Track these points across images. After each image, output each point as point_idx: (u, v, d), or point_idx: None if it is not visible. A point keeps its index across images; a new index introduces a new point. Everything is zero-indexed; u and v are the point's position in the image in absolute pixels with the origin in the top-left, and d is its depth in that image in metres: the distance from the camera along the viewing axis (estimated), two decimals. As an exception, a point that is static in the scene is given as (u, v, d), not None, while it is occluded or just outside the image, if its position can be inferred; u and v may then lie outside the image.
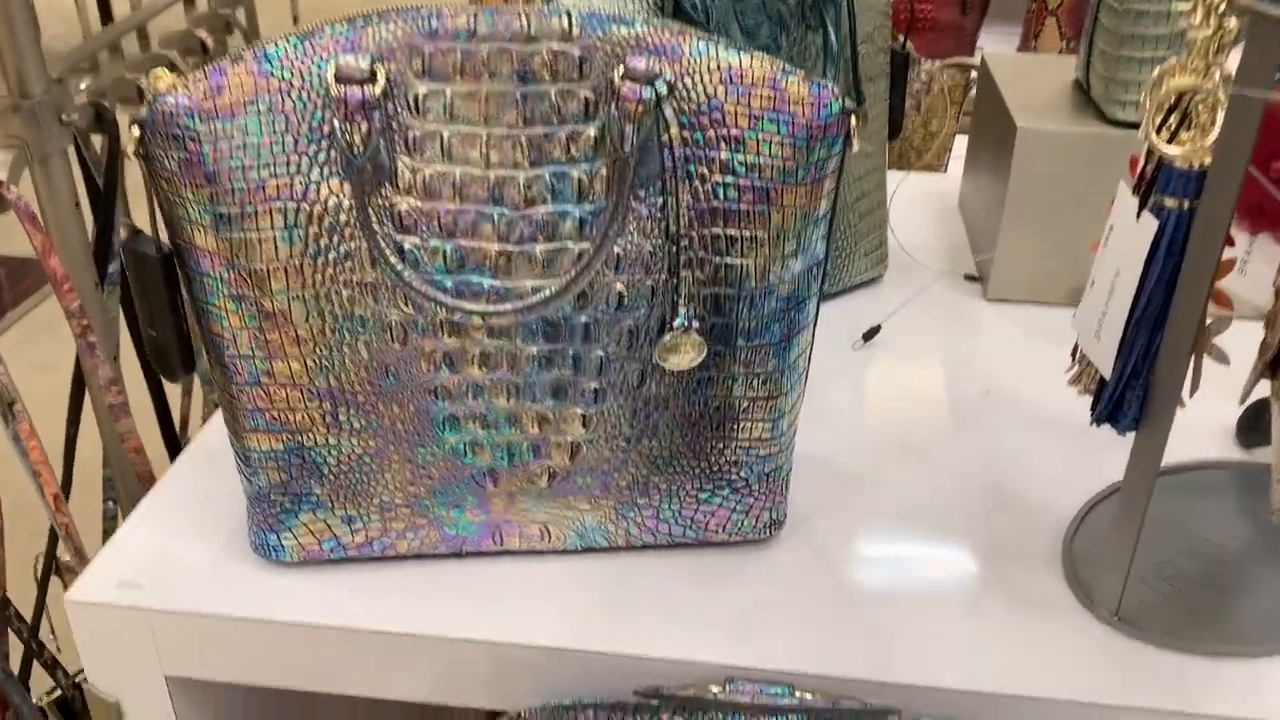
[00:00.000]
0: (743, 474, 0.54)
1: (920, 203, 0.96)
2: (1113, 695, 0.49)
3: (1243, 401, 0.50)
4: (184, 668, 0.55)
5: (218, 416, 0.66)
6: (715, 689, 0.43)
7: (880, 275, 0.83)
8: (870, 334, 0.75)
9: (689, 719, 0.49)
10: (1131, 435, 0.50)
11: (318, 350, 0.50)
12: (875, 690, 0.49)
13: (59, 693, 0.97)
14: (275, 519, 0.54)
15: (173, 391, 1.01)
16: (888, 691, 0.49)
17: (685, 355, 0.50)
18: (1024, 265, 0.78)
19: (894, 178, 0.93)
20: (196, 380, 1.00)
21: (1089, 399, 0.50)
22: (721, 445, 0.53)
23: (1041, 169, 0.74)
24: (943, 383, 0.71)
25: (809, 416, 0.67)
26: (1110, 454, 0.61)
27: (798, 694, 0.43)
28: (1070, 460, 0.63)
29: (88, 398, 0.90)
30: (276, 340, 0.49)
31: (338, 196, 0.47)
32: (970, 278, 0.83)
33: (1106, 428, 0.51)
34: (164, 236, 0.50)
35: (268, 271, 0.48)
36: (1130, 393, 0.47)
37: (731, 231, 0.48)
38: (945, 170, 1.06)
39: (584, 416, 0.52)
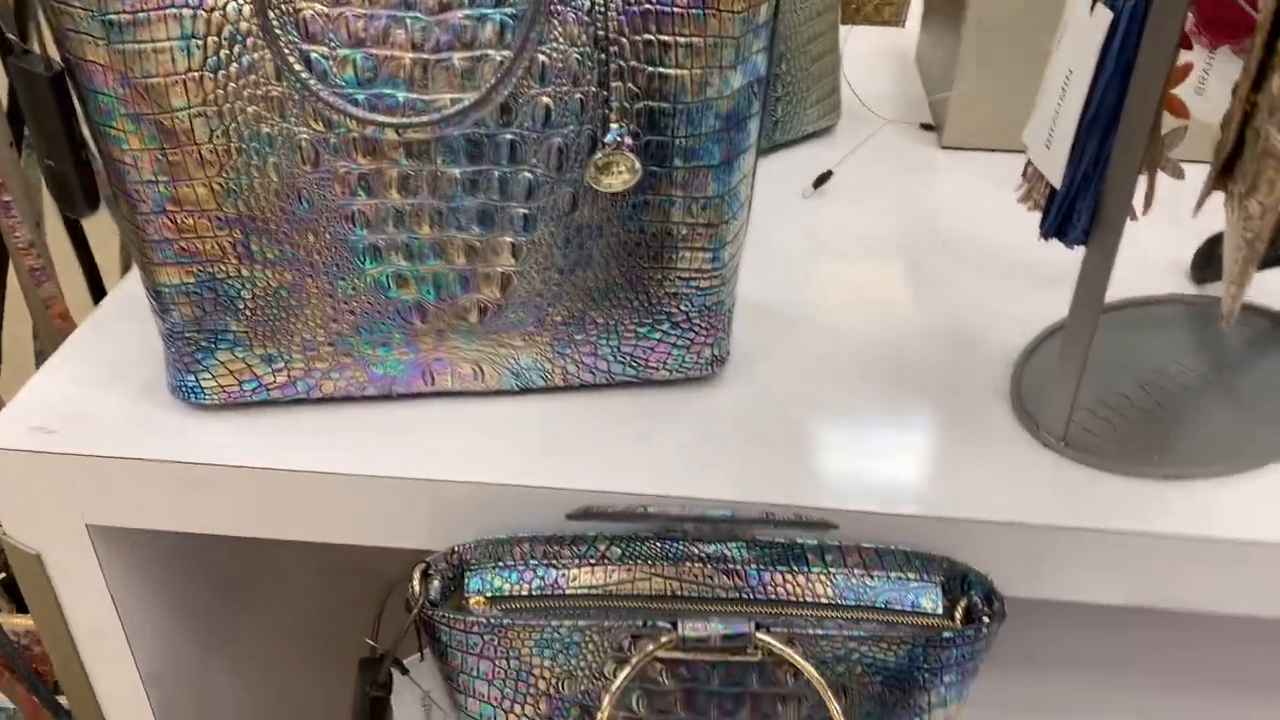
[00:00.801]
0: (683, 307, 0.52)
1: (876, 56, 0.92)
2: (1058, 517, 0.48)
3: (1196, 211, 0.48)
4: (105, 515, 0.53)
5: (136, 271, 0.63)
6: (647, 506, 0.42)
7: (833, 125, 0.80)
8: (821, 180, 0.72)
9: (625, 548, 0.48)
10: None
11: (224, 173, 0.47)
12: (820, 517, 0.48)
13: (3, 574, 0.96)
14: (192, 358, 0.51)
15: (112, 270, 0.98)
16: (832, 518, 0.48)
17: (619, 176, 0.47)
18: (980, 109, 0.75)
19: (849, 30, 0.90)
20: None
21: (1042, 245, 0.49)
22: (660, 276, 0.51)
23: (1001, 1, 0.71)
24: (895, 228, 0.69)
25: (756, 261, 0.64)
26: (1062, 294, 0.60)
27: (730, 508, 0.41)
28: (1021, 301, 0.61)
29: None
30: (180, 162, 0.46)
31: (237, 1, 0.44)
32: (926, 126, 0.80)
33: (1058, 262, 0.50)
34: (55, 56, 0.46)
35: (165, 86, 0.45)
36: (1081, 202, 0.45)
37: (666, 38, 0.45)
38: (904, 26, 1.03)
39: (514, 245, 0.49)
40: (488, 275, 0.50)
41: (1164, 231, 0.62)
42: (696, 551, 0.48)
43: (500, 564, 0.49)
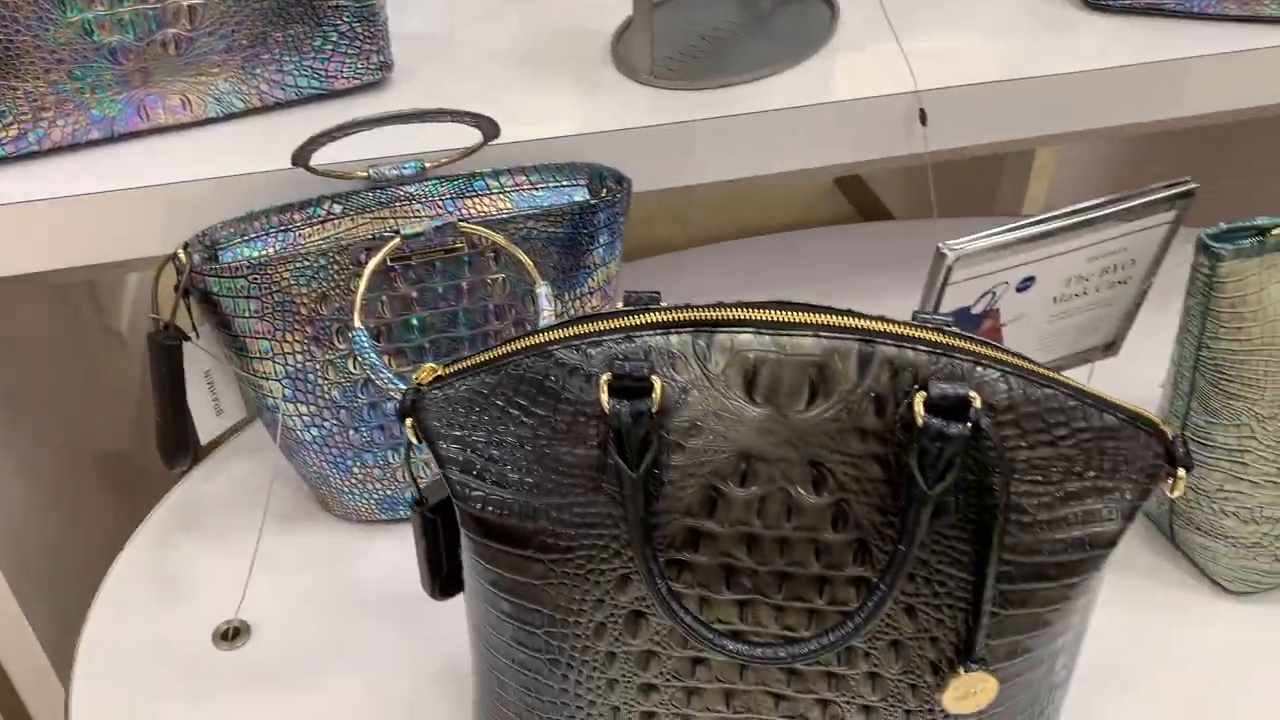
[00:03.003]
0: (346, 18, 0.64)
1: None
2: (660, 118, 0.66)
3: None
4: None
5: None
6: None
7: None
8: (438, -55, 0.85)
9: (345, 203, 0.61)
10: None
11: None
12: (502, 152, 0.63)
13: None
14: (-77, 123, 0.58)
15: None
16: (505, 153, 0.64)
17: (268, -96, 0.59)
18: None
19: None
20: None
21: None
22: (321, -8, 0.63)
23: None
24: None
25: (396, 6, 0.77)
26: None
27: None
28: (605, 6, 0.78)
29: None
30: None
31: None
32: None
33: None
34: None
35: None
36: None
37: None
38: None
39: (193, -21, 0.60)
40: (175, 10, 0.60)
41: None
42: (402, 193, 0.62)
43: (245, 238, 0.60)
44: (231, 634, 0.62)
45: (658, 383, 0.41)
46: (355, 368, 0.62)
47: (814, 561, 0.43)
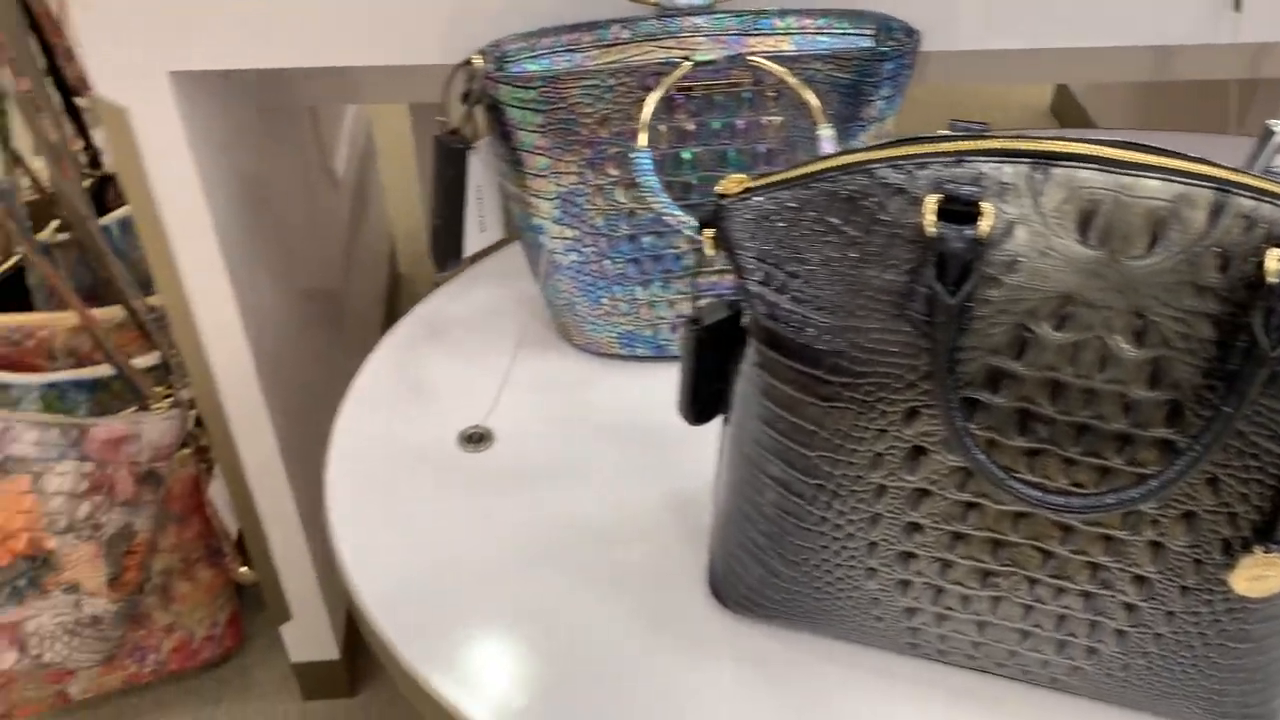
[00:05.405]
0: None
1: None
2: (953, -25, 0.63)
3: None
4: (187, 60, 0.62)
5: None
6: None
7: None
8: None
9: (633, 30, 0.61)
10: None
11: None
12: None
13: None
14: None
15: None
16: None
17: None
18: None
19: None
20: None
21: None
22: None
23: None
24: None
25: None
26: None
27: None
28: None
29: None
30: None
31: None
32: None
33: None
34: None
35: None
36: None
37: None
38: None
39: None
40: None
41: None
42: (689, 25, 0.61)
43: (534, 53, 0.61)
44: (477, 438, 0.64)
45: (989, 209, 0.40)
46: (623, 197, 0.62)
47: (1120, 417, 0.42)
